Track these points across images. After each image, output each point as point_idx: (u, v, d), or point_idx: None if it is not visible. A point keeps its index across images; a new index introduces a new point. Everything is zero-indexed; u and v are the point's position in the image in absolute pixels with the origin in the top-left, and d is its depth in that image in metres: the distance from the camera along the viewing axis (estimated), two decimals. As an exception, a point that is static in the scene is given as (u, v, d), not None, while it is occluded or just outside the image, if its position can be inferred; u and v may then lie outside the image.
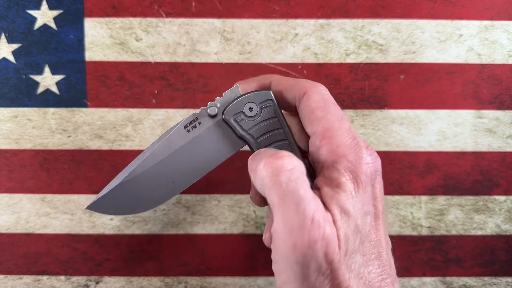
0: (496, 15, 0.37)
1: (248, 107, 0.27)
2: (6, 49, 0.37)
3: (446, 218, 0.39)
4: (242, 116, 0.27)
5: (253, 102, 0.27)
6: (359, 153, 0.24)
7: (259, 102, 0.27)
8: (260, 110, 0.27)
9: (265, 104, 0.27)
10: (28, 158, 0.38)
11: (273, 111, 0.27)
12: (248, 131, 0.27)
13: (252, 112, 0.27)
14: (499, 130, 0.38)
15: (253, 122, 0.27)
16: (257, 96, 0.27)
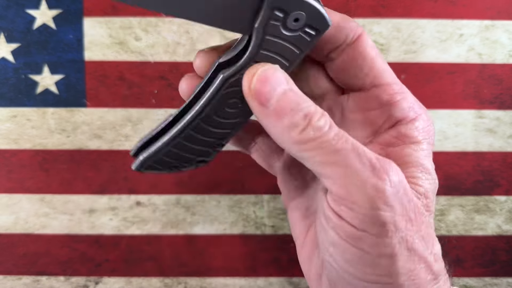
0: (497, 15, 0.37)
1: (295, 18, 0.20)
2: (5, 49, 0.37)
3: (446, 218, 0.39)
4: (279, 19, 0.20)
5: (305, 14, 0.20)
6: (427, 114, 0.22)
7: (310, 22, 0.20)
8: (300, 31, 0.20)
9: (312, 30, 0.20)
10: (27, 158, 0.38)
11: (309, 44, 0.21)
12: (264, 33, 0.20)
13: (295, 26, 0.20)
14: (500, 130, 0.38)
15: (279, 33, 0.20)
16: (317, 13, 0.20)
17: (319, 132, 0.19)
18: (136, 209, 0.38)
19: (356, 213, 0.19)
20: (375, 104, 0.22)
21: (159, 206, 0.38)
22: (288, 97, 0.19)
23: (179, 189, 0.38)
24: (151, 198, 0.38)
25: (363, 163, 0.18)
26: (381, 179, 0.18)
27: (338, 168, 0.19)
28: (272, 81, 0.19)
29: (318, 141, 0.19)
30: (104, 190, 0.38)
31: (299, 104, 0.19)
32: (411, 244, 0.19)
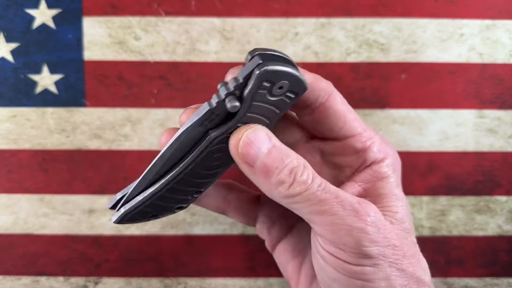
0: (498, 14, 0.37)
1: (279, 86, 0.22)
2: (5, 49, 0.37)
3: (447, 218, 0.38)
4: (266, 88, 0.22)
5: (289, 83, 0.22)
6: (393, 149, 0.27)
7: (291, 89, 0.22)
8: (282, 96, 0.22)
9: (292, 95, 0.23)
10: (26, 158, 0.37)
11: (287, 106, 0.23)
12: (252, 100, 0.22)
13: (278, 92, 0.22)
14: (501, 130, 0.38)
15: (264, 99, 0.22)
16: (297, 81, 0.22)
17: (304, 186, 0.22)
18: (135, 209, 0.38)
19: (348, 252, 0.22)
20: (351, 151, 0.26)
21: (159, 206, 0.38)
22: (272, 155, 0.22)
23: (179, 189, 0.38)
24: (150, 198, 0.38)
25: (346, 209, 0.22)
26: (364, 221, 0.22)
27: (326, 217, 0.22)
28: (256, 143, 0.22)
29: (304, 195, 0.22)
30: (104, 190, 0.38)
31: (283, 160, 0.22)
32: (400, 265, 0.22)
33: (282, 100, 0.23)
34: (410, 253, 0.23)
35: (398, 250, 0.23)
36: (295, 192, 0.22)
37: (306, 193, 0.22)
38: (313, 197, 0.22)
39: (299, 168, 0.22)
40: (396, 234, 0.23)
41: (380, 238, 0.22)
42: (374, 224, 0.22)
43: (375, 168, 0.25)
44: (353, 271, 0.22)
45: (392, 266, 0.22)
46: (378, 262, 0.22)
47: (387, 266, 0.22)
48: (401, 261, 0.23)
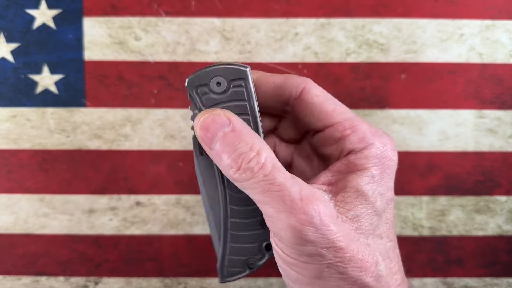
0: (498, 15, 0.37)
1: (216, 82, 0.23)
2: (5, 49, 0.37)
3: (447, 218, 0.38)
4: (206, 90, 0.23)
5: (223, 77, 0.23)
6: (383, 141, 0.24)
7: (231, 78, 0.23)
8: (230, 88, 0.23)
9: (238, 82, 0.23)
10: (26, 158, 0.38)
11: (244, 92, 0.24)
12: (205, 103, 0.24)
13: (219, 88, 0.23)
14: (501, 130, 0.38)
15: (217, 100, 0.23)
16: (229, 70, 0.23)
17: (250, 174, 0.22)
18: (136, 209, 0.38)
19: (285, 245, 0.22)
20: (331, 141, 0.25)
21: (159, 206, 0.38)
22: (226, 139, 0.22)
23: (179, 189, 0.38)
24: (151, 198, 0.38)
25: (286, 204, 0.21)
26: (299, 220, 0.21)
27: (267, 208, 0.22)
28: (212, 127, 0.23)
29: (250, 182, 0.22)
30: (104, 190, 0.38)
31: (235, 145, 0.22)
32: (343, 269, 0.21)
33: (235, 92, 0.23)
34: (360, 256, 0.22)
35: (344, 252, 0.21)
36: (241, 178, 0.22)
37: (251, 181, 0.22)
38: (258, 187, 0.22)
39: (247, 155, 0.22)
40: (343, 235, 0.21)
41: (319, 238, 0.21)
42: (312, 223, 0.21)
43: (351, 159, 0.24)
44: (290, 263, 0.22)
45: (331, 267, 0.21)
46: (313, 262, 0.21)
47: (325, 266, 0.21)
48: (346, 264, 0.21)
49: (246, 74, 0.23)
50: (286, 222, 0.21)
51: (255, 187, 0.22)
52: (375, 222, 0.23)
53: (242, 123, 0.23)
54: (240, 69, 0.23)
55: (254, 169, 0.22)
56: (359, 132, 0.24)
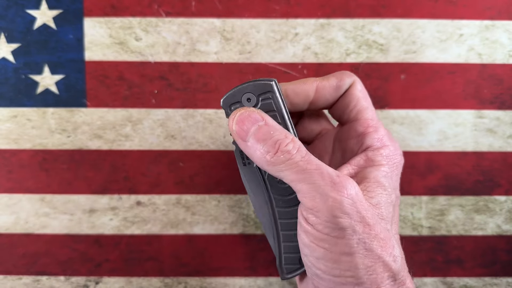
0: (497, 15, 0.37)
1: (247, 98, 0.26)
2: (6, 49, 0.37)
3: (446, 218, 0.39)
4: (238, 107, 0.26)
5: (252, 93, 0.26)
6: (396, 146, 0.27)
7: (259, 93, 0.26)
8: (259, 102, 0.26)
9: (265, 95, 0.26)
10: (27, 158, 0.38)
11: (273, 104, 0.26)
12: None
13: (250, 103, 0.26)
14: (500, 130, 0.38)
15: None
16: (256, 86, 0.26)
17: (288, 155, 0.24)
18: (136, 209, 0.38)
19: (320, 219, 0.23)
20: (353, 133, 0.28)
21: (159, 206, 0.38)
22: (261, 130, 0.25)
23: (179, 189, 0.38)
24: (151, 198, 0.38)
25: (325, 180, 0.23)
26: (339, 192, 0.23)
27: (306, 185, 0.23)
28: (247, 121, 0.25)
29: (288, 163, 0.24)
30: (105, 190, 0.38)
31: (270, 134, 0.24)
32: (368, 245, 0.23)
33: (265, 104, 0.26)
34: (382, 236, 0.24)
35: (370, 229, 0.23)
36: (279, 160, 0.24)
37: (289, 162, 0.24)
38: (295, 166, 0.24)
39: (284, 140, 0.24)
40: (371, 214, 0.24)
41: (354, 212, 0.23)
42: (350, 197, 0.23)
43: (369, 155, 0.26)
44: (320, 238, 0.23)
45: (360, 243, 0.23)
46: (345, 236, 0.23)
47: (354, 242, 0.23)
48: (371, 240, 0.23)
49: (272, 86, 0.26)
50: (326, 195, 0.23)
51: (293, 167, 0.24)
52: (391, 212, 0.25)
53: (273, 120, 0.26)
54: (266, 84, 0.26)
55: (292, 151, 0.24)
56: (379, 133, 0.27)
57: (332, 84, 0.28)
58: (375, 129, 0.27)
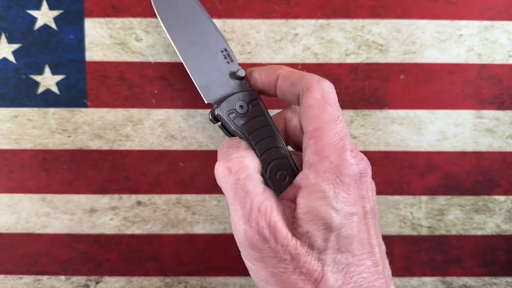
0: (497, 15, 0.37)
1: (239, 105, 0.28)
2: (6, 49, 0.37)
3: (446, 218, 0.39)
4: (234, 113, 0.28)
5: (243, 101, 0.28)
6: (342, 155, 0.24)
7: (248, 100, 0.28)
8: (249, 108, 0.28)
9: (254, 102, 0.28)
10: (28, 158, 0.38)
11: (261, 109, 0.28)
12: (241, 128, 0.28)
13: (243, 110, 0.28)
14: (499, 130, 0.38)
15: (244, 119, 0.28)
16: (246, 95, 0.29)
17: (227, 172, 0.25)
18: (136, 209, 0.38)
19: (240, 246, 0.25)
20: (304, 147, 0.25)
21: (160, 206, 0.38)
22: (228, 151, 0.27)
23: (180, 189, 0.38)
24: (151, 198, 0.38)
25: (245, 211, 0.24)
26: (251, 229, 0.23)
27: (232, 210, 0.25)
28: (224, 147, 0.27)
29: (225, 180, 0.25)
30: (105, 190, 0.38)
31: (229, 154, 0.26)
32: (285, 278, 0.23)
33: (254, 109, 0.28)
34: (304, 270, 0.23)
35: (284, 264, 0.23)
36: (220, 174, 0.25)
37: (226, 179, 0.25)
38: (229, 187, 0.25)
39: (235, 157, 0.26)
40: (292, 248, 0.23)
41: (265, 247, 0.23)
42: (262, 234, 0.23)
43: (305, 173, 0.24)
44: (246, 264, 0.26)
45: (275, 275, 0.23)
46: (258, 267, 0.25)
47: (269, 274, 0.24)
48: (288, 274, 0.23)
49: (257, 95, 0.29)
50: (242, 227, 0.24)
51: (227, 187, 0.24)
52: (331, 238, 0.23)
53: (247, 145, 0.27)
54: (252, 93, 0.29)
55: (231, 170, 0.24)
56: (319, 145, 0.24)
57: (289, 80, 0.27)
58: (316, 139, 0.24)
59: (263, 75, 0.29)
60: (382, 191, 0.38)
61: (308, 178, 0.24)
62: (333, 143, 0.24)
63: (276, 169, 0.27)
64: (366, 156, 0.25)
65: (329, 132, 0.24)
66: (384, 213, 0.39)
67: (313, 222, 0.23)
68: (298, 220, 0.23)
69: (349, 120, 0.38)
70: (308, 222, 0.23)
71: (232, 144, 0.27)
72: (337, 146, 0.24)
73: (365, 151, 0.38)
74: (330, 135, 0.24)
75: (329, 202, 0.23)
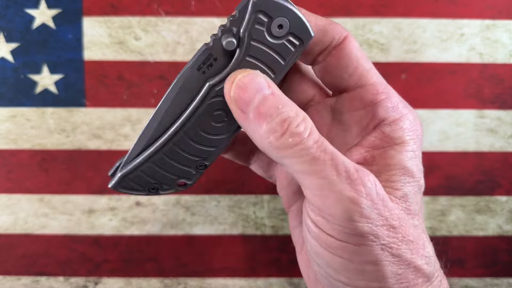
0: (498, 14, 0.37)
1: (279, 24, 0.21)
2: (5, 49, 0.37)
3: (447, 218, 0.38)
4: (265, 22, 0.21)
5: (289, 23, 0.21)
6: (414, 114, 0.22)
7: (293, 31, 0.21)
8: (285, 38, 0.21)
9: (295, 40, 0.21)
10: (26, 158, 0.37)
11: (292, 54, 0.21)
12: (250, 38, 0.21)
13: (279, 32, 0.21)
14: (501, 130, 0.38)
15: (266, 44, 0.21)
16: (298, 21, 0.21)
17: (298, 139, 0.19)
18: (135, 210, 0.38)
19: (333, 224, 0.19)
20: (359, 104, 0.22)
21: (159, 206, 0.38)
22: (267, 102, 0.19)
23: (179, 189, 0.38)
24: (150, 198, 0.38)
25: (340, 174, 0.19)
26: (358, 191, 0.18)
27: (316, 179, 0.19)
28: (251, 88, 0.20)
29: (296, 149, 0.19)
30: (104, 190, 0.38)
31: (278, 108, 0.19)
32: (396, 251, 0.19)
33: (284, 46, 0.21)
34: (411, 237, 0.20)
35: (396, 232, 0.19)
36: (287, 143, 0.19)
37: (298, 147, 0.19)
38: (306, 154, 0.19)
39: (295, 119, 0.19)
40: (396, 214, 0.20)
41: (375, 215, 0.19)
42: (370, 197, 0.19)
43: (386, 131, 0.21)
44: (336, 247, 0.19)
45: (385, 249, 0.19)
46: (367, 243, 0.19)
47: (378, 248, 0.19)
48: (398, 245, 0.19)
49: (310, 38, 0.21)
50: (342, 195, 0.19)
51: (303, 154, 0.19)
52: (420, 202, 0.21)
53: (281, 91, 0.20)
54: (308, 30, 0.21)
55: (303, 134, 0.19)
56: (393, 100, 0.21)
57: (319, 23, 0.22)
58: (387, 95, 0.21)
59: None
60: (383, 192, 0.38)
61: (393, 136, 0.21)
62: (402, 100, 0.22)
63: None
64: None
65: (390, 88, 0.22)
66: (385, 214, 0.38)
67: (410, 184, 0.21)
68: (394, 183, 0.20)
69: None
70: (405, 185, 0.21)
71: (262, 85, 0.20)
72: (406, 104, 0.22)
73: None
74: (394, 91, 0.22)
75: (419, 162, 0.21)
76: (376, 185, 0.19)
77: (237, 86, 0.20)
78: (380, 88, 0.22)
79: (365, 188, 0.19)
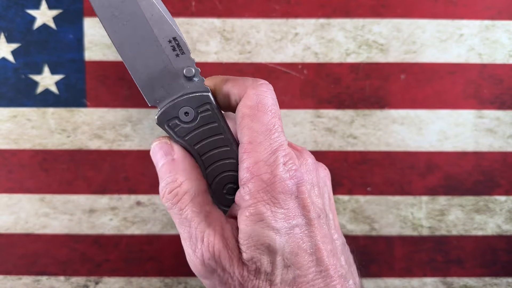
0: (498, 15, 0.37)
1: (184, 112, 0.24)
2: (5, 49, 0.37)
3: (446, 218, 0.39)
4: (176, 122, 0.24)
5: (189, 106, 0.24)
6: (274, 171, 0.22)
7: (196, 106, 0.24)
8: (197, 115, 0.24)
9: (203, 107, 0.24)
10: (27, 158, 0.38)
11: (212, 115, 0.24)
12: (184, 137, 0.25)
13: (188, 117, 0.24)
14: (500, 130, 0.38)
15: (189, 128, 0.24)
16: (192, 99, 0.24)
17: (169, 203, 0.24)
18: (136, 209, 0.38)
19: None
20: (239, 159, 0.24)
21: (159, 206, 0.38)
22: (163, 167, 0.25)
23: (179, 189, 0.38)
24: (151, 198, 0.38)
25: (191, 239, 0.24)
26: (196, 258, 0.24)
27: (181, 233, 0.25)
28: (157, 154, 0.25)
29: (169, 210, 0.25)
30: (104, 190, 0.38)
31: (165, 175, 0.25)
32: None
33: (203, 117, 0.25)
34: None
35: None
36: (166, 204, 0.25)
37: (170, 211, 0.25)
38: (174, 217, 0.25)
39: (170, 185, 0.24)
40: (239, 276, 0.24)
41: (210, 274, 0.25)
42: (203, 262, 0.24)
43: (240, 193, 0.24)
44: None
45: None
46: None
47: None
48: None
49: (209, 98, 0.25)
50: (191, 257, 0.24)
51: (173, 217, 0.25)
52: (277, 258, 0.22)
53: (184, 157, 0.25)
54: (202, 95, 0.24)
55: (172, 200, 0.24)
56: (251, 161, 0.23)
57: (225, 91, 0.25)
58: (248, 155, 0.23)
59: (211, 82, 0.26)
60: (382, 192, 0.38)
61: (244, 199, 0.23)
62: (264, 159, 0.23)
63: (224, 182, 0.25)
64: (367, 156, 0.25)
65: (261, 146, 0.23)
66: (384, 214, 0.38)
67: (256, 247, 0.22)
68: (242, 246, 0.23)
69: (350, 120, 0.38)
70: (250, 247, 0.22)
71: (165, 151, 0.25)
72: (268, 161, 0.23)
73: (366, 151, 0.38)
74: (263, 149, 0.23)
75: (268, 223, 0.22)
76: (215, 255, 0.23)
77: (151, 150, 0.26)
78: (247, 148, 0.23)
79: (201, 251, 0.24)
